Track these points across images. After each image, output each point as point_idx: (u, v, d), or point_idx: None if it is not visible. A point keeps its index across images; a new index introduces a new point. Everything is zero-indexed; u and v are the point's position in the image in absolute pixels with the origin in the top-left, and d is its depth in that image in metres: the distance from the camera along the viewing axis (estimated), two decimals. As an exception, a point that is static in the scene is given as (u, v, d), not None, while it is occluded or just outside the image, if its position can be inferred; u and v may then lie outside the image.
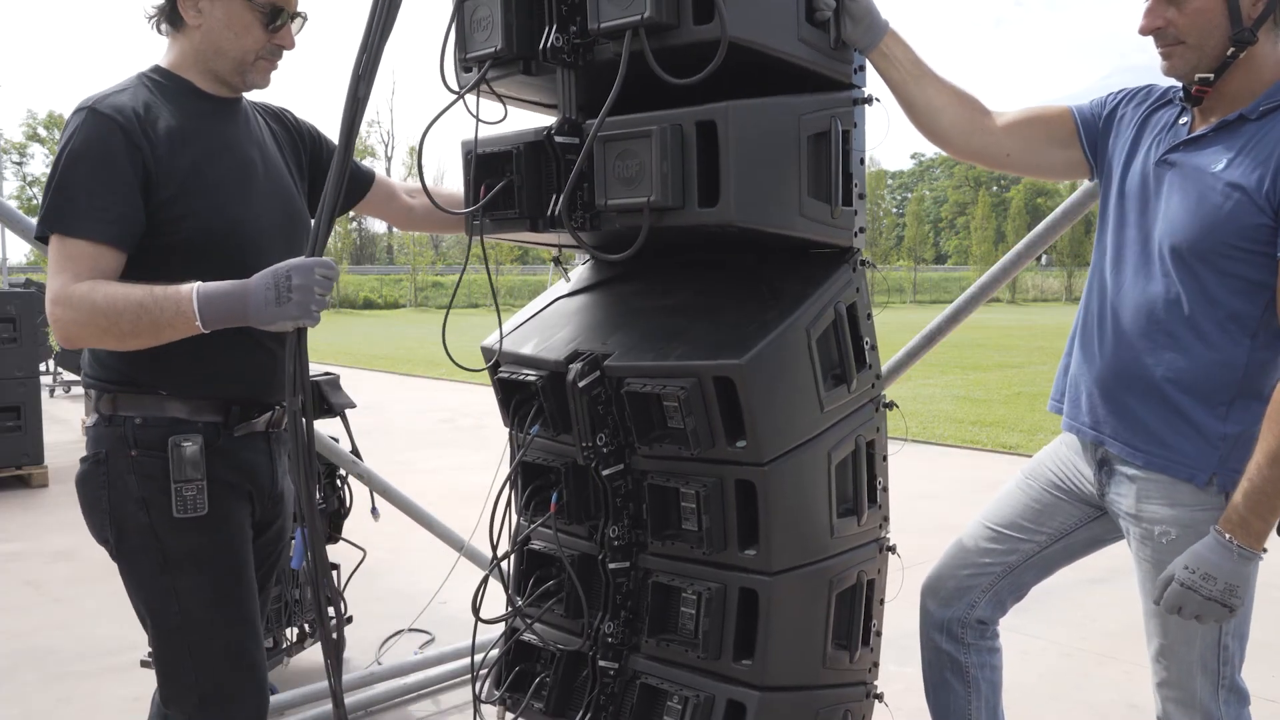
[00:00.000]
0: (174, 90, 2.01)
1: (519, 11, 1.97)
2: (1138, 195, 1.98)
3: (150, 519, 1.95)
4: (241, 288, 1.80)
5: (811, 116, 1.92)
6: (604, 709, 2.13)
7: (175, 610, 1.97)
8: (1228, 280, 1.84)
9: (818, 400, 1.97)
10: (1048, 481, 2.21)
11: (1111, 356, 1.99)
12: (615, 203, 1.87)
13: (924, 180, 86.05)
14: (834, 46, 1.98)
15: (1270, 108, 1.83)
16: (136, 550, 1.97)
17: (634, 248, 1.85)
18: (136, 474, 1.95)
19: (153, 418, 1.96)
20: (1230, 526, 1.79)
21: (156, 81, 2.01)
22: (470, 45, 2.06)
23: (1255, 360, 1.87)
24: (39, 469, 7.12)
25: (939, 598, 2.28)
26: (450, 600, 3.76)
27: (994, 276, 3.19)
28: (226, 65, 2.03)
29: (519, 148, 2.04)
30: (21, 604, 4.53)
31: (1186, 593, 1.81)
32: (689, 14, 1.79)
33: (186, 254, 1.93)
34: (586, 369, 2.01)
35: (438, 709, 3.47)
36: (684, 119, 1.81)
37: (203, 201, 1.95)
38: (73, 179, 1.85)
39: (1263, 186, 1.78)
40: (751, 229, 1.84)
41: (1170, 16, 1.86)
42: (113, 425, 1.97)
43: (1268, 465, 1.75)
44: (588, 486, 2.16)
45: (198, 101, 2.03)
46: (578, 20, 1.92)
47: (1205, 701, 1.95)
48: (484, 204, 2.05)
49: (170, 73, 2.04)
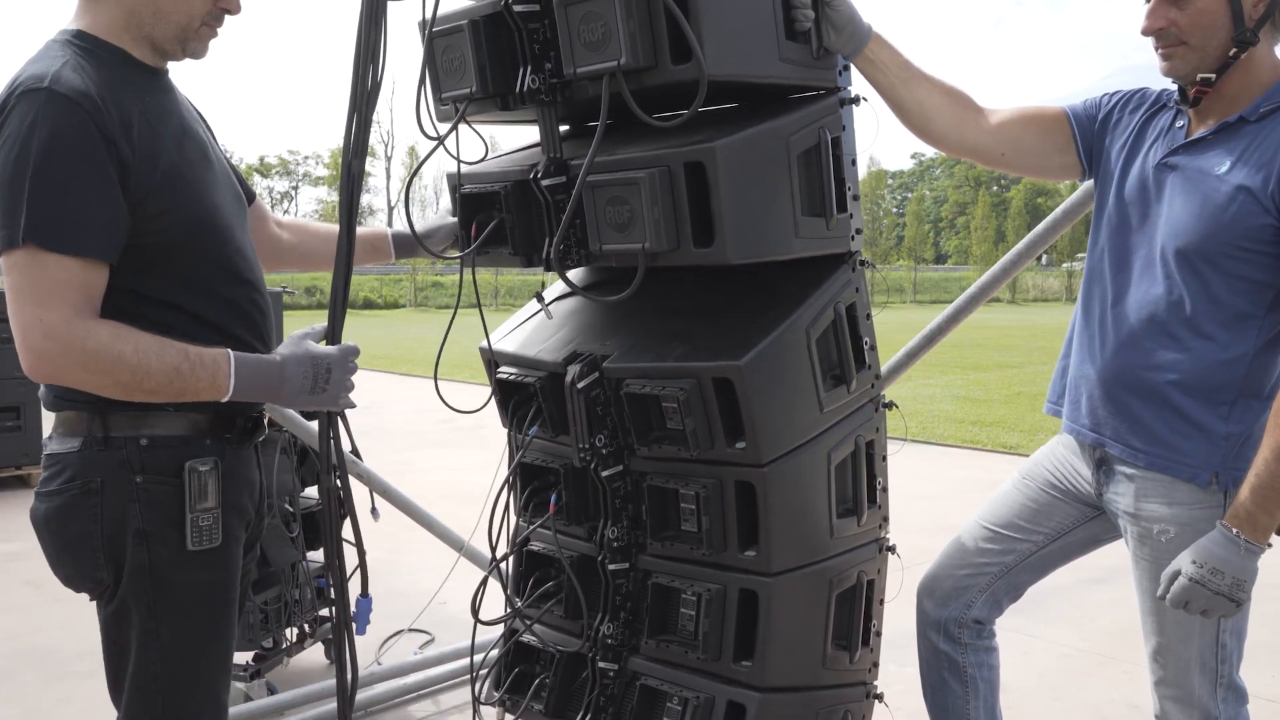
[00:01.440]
0: (109, 61, 1.69)
1: (490, 52, 1.95)
2: (1138, 199, 1.99)
3: (149, 556, 1.69)
4: (278, 369, 1.71)
5: (799, 135, 1.89)
6: (603, 710, 2.12)
7: (155, 658, 1.72)
8: (1232, 281, 1.85)
9: (817, 401, 1.97)
10: (1045, 481, 2.21)
11: (1113, 358, 1.99)
12: (610, 248, 1.87)
13: (924, 180, 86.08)
14: (816, 56, 1.94)
15: (1270, 109, 1.84)
16: (127, 593, 1.71)
17: (630, 289, 1.84)
18: (140, 503, 1.69)
19: (161, 437, 1.70)
20: (1237, 521, 1.79)
21: (87, 50, 1.67)
22: (445, 85, 2.04)
23: (1258, 360, 1.87)
24: (39, 469, 7.11)
25: (935, 597, 2.28)
26: (450, 600, 3.76)
27: (994, 276, 3.19)
28: (167, 31, 1.73)
29: (506, 186, 2.03)
30: (21, 604, 4.53)
31: (1195, 587, 1.81)
32: (666, 55, 1.75)
33: (168, 254, 1.70)
34: (585, 370, 2.01)
35: (437, 709, 3.47)
36: (671, 160, 1.78)
37: (183, 193, 1.71)
38: (49, 179, 1.54)
39: (1268, 187, 1.79)
40: (749, 263, 1.84)
41: (1173, 17, 1.86)
42: (110, 449, 1.68)
43: (1275, 460, 1.76)
44: (587, 487, 2.15)
45: (138, 74, 1.73)
46: (552, 56, 1.89)
47: (1203, 700, 1.95)
48: (476, 241, 2.07)
49: (99, 39, 1.70)
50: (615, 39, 1.73)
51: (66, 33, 1.71)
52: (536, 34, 1.89)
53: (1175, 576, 1.84)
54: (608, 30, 1.74)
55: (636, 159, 1.82)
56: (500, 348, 2.26)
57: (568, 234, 1.93)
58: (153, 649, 1.72)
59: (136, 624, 1.71)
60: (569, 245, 1.96)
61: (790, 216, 1.89)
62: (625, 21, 1.71)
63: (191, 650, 1.75)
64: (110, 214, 1.59)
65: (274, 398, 1.73)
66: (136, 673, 1.73)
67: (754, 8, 1.83)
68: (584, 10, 1.77)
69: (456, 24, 1.96)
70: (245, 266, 1.83)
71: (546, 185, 1.96)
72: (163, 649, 1.72)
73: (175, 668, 1.73)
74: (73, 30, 1.71)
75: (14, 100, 1.58)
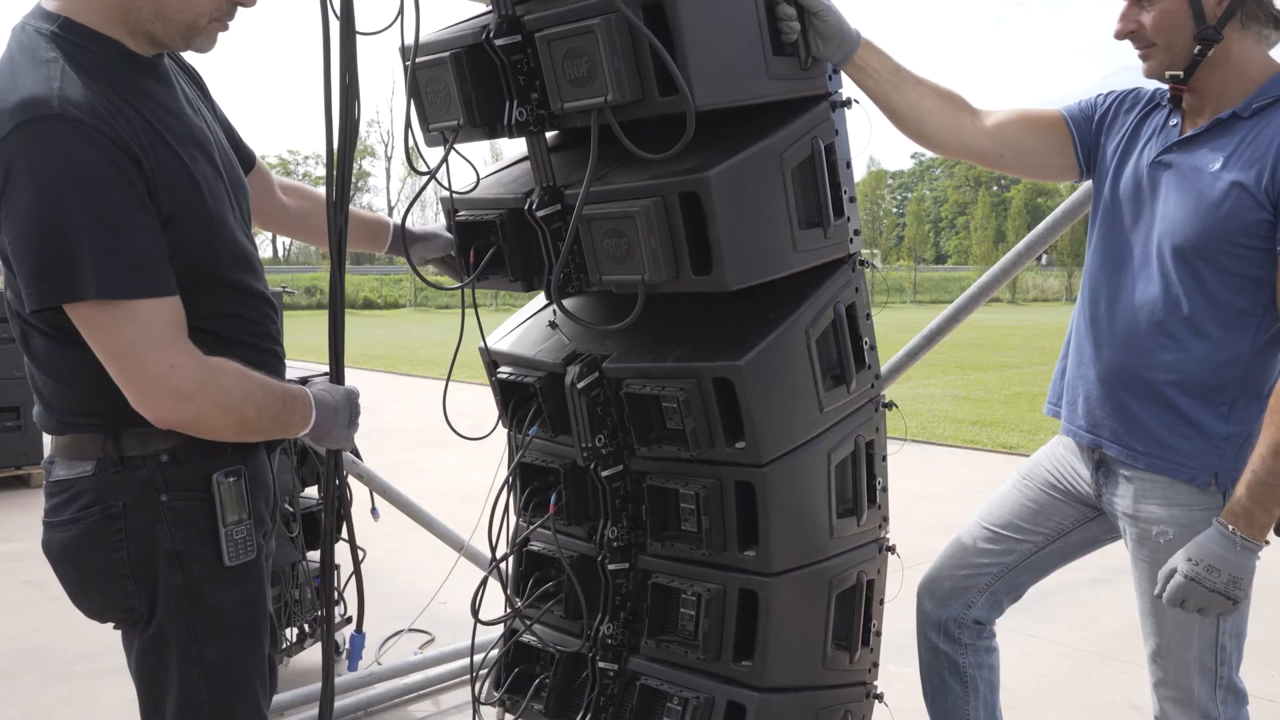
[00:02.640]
0: (104, 59, 1.50)
1: (475, 85, 1.93)
2: (1132, 198, 1.99)
3: (184, 576, 1.59)
4: (333, 409, 1.73)
5: (793, 149, 1.88)
6: (603, 710, 2.12)
7: (199, 684, 1.62)
8: (1229, 278, 1.85)
9: (817, 401, 1.97)
10: (1044, 482, 2.21)
11: (1111, 359, 1.99)
12: (609, 279, 1.87)
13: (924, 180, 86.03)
14: (805, 67, 1.92)
15: (1262, 105, 1.85)
16: (164, 618, 1.60)
17: (630, 318, 1.84)
18: (169, 523, 1.58)
19: (183, 450, 1.59)
20: (1233, 518, 1.79)
21: (78, 47, 1.48)
22: (431, 116, 2.04)
23: (1257, 359, 1.87)
24: (38, 469, 7.11)
25: (935, 598, 2.28)
26: (450, 600, 3.76)
27: (994, 276, 3.19)
28: (170, 29, 1.55)
29: (502, 215, 2.03)
30: (21, 604, 4.53)
31: (1190, 585, 1.81)
32: (654, 88, 1.73)
33: (190, 280, 1.55)
34: (585, 370, 2.01)
35: (437, 709, 3.47)
36: (666, 190, 1.77)
37: (199, 210, 1.57)
38: (95, 219, 1.39)
39: (1261, 182, 1.79)
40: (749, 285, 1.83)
41: (1140, 19, 1.89)
42: (128, 469, 1.57)
43: (1271, 456, 1.76)
44: (587, 487, 2.15)
45: (135, 71, 1.55)
46: (537, 85, 1.87)
47: (1203, 701, 1.95)
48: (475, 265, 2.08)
49: (90, 31, 1.50)
50: (600, 74, 1.72)
51: (48, 20, 1.50)
52: (520, 65, 1.87)
53: (1172, 574, 1.84)
54: (592, 66, 1.72)
55: (631, 189, 1.81)
56: (499, 348, 2.26)
57: (567, 263, 1.93)
58: (195, 674, 1.62)
59: (176, 650, 1.61)
60: (568, 274, 1.96)
61: (788, 234, 1.89)
62: (610, 57, 1.69)
63: (236, 669, 1.67)
64: (161, 244, 1.49)
65: (326, 435, 1.73)
66: (181, 700, 1.63)
67: (741, 29, 1.80)
68: (567, 46, 1.75)
69: (438, 56, 1.95)
70: (254, 278, 1.73)
71: (541, 216, 1.96)
72: (206, 672, 1.63)
73: (221, 689, 1.64)
74: (57, 18, 1.49)
75: (16, 133, 1.38)
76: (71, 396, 1.58)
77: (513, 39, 1.85)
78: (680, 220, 1.76)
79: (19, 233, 1.42)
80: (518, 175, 2.19)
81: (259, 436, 1.63)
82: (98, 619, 1.69)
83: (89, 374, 1.52)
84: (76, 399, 1.58)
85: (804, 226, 1.92)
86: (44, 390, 1.61)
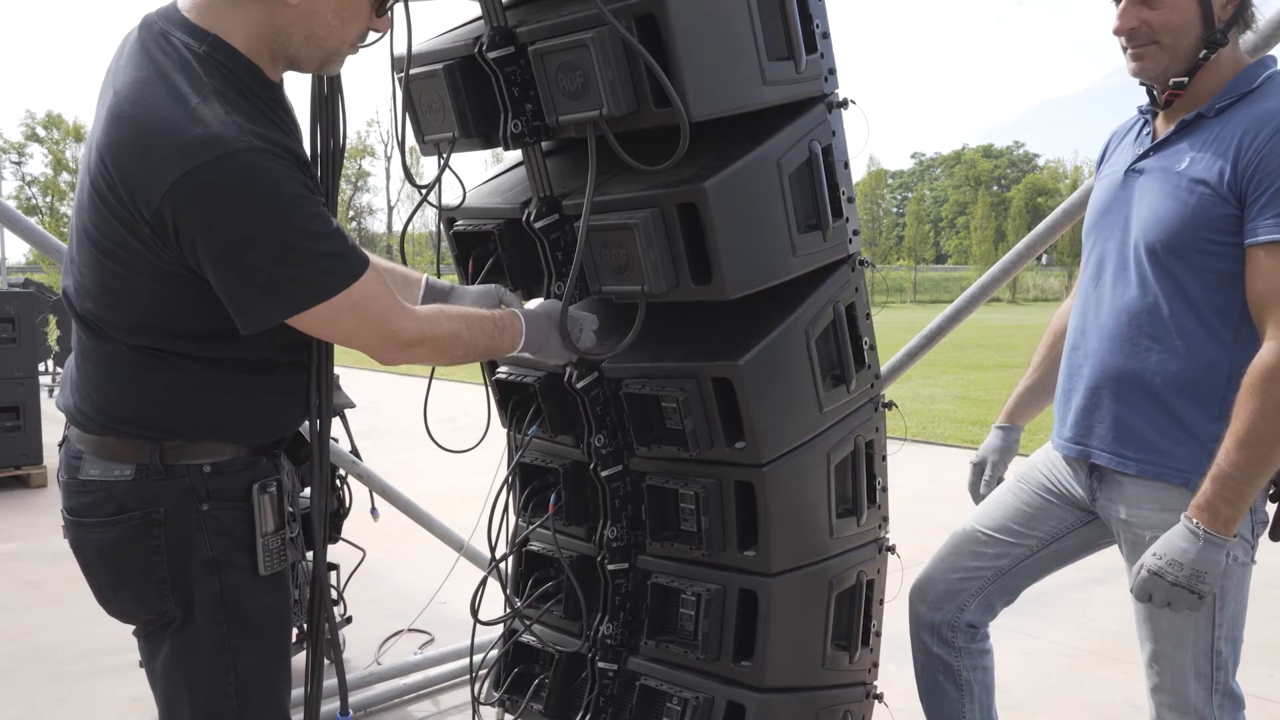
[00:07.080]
0: (249, 84, 1.51)
1: (469, 97, 1.93)
2: (1111, 207, 2.02)
3: (220, 584, 1.62)
4: (543, 325, 1.85)
5: (789, 155, 1.88)
6: (603, 710, 2.12)
7: (230, 690, 1.65)
8: (1204, 276, 1.85)
9: (817, 400, 1.97)
10: (1039, 485, 2.21)
11: (1098, 368, 2.00)
12: (609, 289, 1.87)
13: (924, 180, 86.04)
14: (800, 71, 1.91)
15: (1225, 104, 1.87)
16: (199, 625, 1.63)
17: (631, 336, 1.85)
18: (209, 531, 1.61)
19: (226, 462, 1.63)
20: (1197, 511, 1.78)
21: (227, 69, 1.49)
22: (426, 127, 2.04)
23: (1239, 357, 1.86)
24: (38, 469, 7.10)
25: (929, 601, 2.28)
26: (450, 600, 3.76)
27: (994, 276, 3.19)
28: (314, 54, 1.58)
29: (499, 226, 2.02)
30: (21, 604, 4.53)
31: (1153, 579, 1.81)
32: (648, 100, 1.72)
33: None
34: (585, 370, 2.01)
35: (437, 709, 3.46)
36: (663, 201, 1.76)
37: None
38: (307, 231, 1.45)
39: (1224, 178, 1.81)
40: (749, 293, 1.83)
41: (1145, 16, 1.88)
42: (172, 477, 1.59)
43: (1235, 450, 1.75)
44: (586, 487, 2.15)
45: (271, 98, 1.57)
46: (532, 96, 1.87)
47: (1199, 706, 1.94)
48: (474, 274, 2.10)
49: (238, 55, 1.51)
50: (595, 88, 1.71)
51: (194, 36, 1.49)
52: (514, 76, 1.87)
53: (1139, 570, 1.85)
54: (586, 79, 1.72)
55: (629, 199, 1.80)
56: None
57: (577, 279, 1.92)
58: (227, 680, 1.64)
59: (208, 656, 1.63)
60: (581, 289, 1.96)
61: (786, 239, 1.89)
62: (603, 71, 1.69)
63: (265, 675, 1.70)
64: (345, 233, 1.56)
65: (541, 348, 1.86)
66: (209, 705, 1.65)
67: (735, 37, 1.79)
68: (561, 60, 1.75)
69: (432, 68, 1.94)
70: None
71: (540, 227, 1.95)
72: (238, 679, 1.65)
73: (250, 696, 1.67)
74: (206, 36, 1.49)
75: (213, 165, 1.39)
76: (129, 404, 1.59)
77: (505, 51, 1.85)
78: (679, 231, 1.76)
79: (234, 259, 1.45)
80: (514, 182, 2.19)
81: (478, 359, 1.80)
82: (123, 619, 1.70)
83: (158, 390, 1.57)
84: (133, 407, 1.59)
85: (802, 230, 1.92)
86: (94, 394, 1.61)
